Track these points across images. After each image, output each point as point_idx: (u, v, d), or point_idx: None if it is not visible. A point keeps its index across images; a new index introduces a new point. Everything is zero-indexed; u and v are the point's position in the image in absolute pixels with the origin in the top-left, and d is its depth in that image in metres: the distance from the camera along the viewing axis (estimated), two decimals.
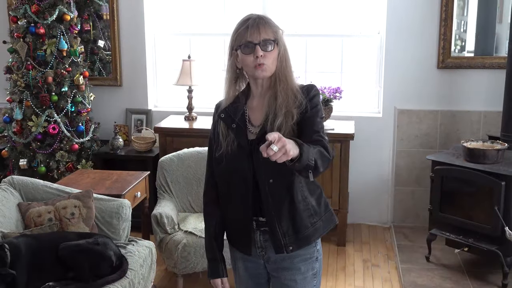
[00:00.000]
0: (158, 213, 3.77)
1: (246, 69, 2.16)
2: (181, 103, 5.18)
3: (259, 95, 2.20)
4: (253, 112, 2.20)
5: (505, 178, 3.85)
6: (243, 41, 2.09)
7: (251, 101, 2.23)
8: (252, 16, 2.15)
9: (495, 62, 4.78)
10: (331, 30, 5.10)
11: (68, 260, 3.04)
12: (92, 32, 5.16)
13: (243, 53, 2.10)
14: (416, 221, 5.03)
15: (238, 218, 2.22)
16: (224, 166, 2.18)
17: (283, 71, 2.14)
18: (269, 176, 2.10)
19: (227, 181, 2.20)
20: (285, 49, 2.17)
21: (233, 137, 2.15)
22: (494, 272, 4.11)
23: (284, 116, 2.09)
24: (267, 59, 2.09)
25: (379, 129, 5.02)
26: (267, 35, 2.09)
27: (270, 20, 2.15)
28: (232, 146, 2.15)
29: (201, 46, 5.32)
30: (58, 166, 4.69)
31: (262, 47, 2.08)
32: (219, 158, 2.19)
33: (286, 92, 2.12)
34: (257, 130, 2.15)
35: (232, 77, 2.23)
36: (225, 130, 2.19)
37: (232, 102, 2.22)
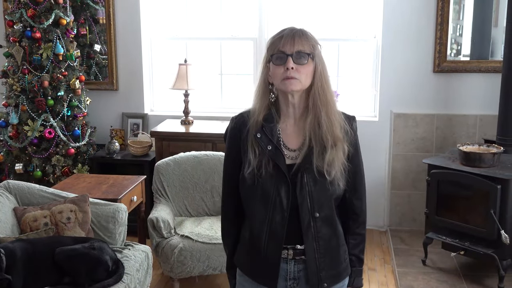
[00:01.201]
0: (155, 217, 3.76)
1: (275, 82, 1.96)
2: (178, 107, 5.18)
3: (292, 116, 2.01)
4: (286, 135, 2.01)
5: (501, 182, 3.85)
6: (275, 51, 1.93)
7: (283, 123, 2.02)
8: (288, 28, 1.99)
9: (491, 66, 4.79)
10: (328, 34, 5.11)
11: (64, 265, 3.03)
12: (88, 36, 5.16)
13: (274, 63, 1.93)
14: (412, 225, 5.04)
15: (266, 245, 2.00)
16: (258, 188, 1.96)
17: (324, 92, 1.95)
18: (316, 209, 1.95)
19: (258, 203, 1.99)
20: (323, 67, 1.99)
21: (268, 159, 1.95)
22: (490, 276, 4.12)
23: (333, 148, 1.94)
24: (299, 73, 1.90)
25: (375, 132, 5.02)
26: (302, 47, 1.92)
27: (309, 33, 1.99)
28: (268, 167, 1.95)
29: (197, 50, 5.32)
30: (54, 170, 4.68)
31: (295, 59, 1.90)
32: (250, 177, 1.97)
33: (330, 117, 1.95)
34: (294, 155, 1.98)
35: (263, 92, 2.02)
36: (258, 149, 1.97)
37: (265, 120, 1.99)
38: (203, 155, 4.25)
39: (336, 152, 1.95)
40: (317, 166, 1.93)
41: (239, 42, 5.25)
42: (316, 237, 1.97)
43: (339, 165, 1.96)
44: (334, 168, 1.94)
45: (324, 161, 1.93)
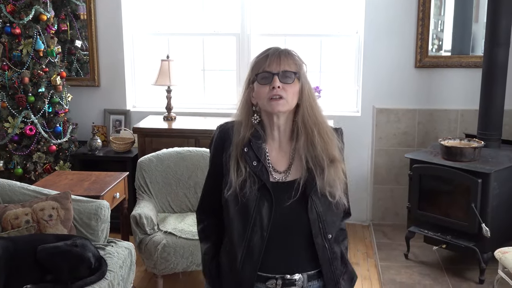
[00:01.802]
0: (138, 213, 3.74)
1: (260, 103, 1.90)
2: (160, 103, 5.16)
3: (276, 139, 1.95)
4: (271, 157, 1.94)
5: (482, 176, 3.89)
6: (261, 71, 1.87)
7: (270, 145, 1.96)
8: (274, 47, 1.95)
9: (472, 61, 4.83)
10: (310, 29, 5.12)
11: (46, 263, 3.01)
12: (69, 32, 5.12)
13: (259, 83, 1.87)
14: (395, 219, 5.07)
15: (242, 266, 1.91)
16: (242, 209, 1.88)
17: (314, 111, 1.92)
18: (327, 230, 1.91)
19: (237, 220, 1.91)
20: (309, 86, 1.94)
21: (253, 177, 1.87)
22: (472, 269, 4.16)
23: (331, 168, 1.90)
24: (286, 93, 1.85)
25: (358, 128, 5.04)
26: (288, 67, 1.87)
27: (294, 53, 1.95)
28: (253, 187, 1.87)
29: (179, 46, 5.30)
30: (35, 167, 4.64)
31: (281, 78, 1.86)
32: (232, 199, 1.90)
33: (323, 137, 1.91)
34: (280, 176, 1.92)
35: (246, 113, 1.95)
36: (243, 166, 1.89)
37: (253, 136, 1.92)
38: (186, 151, 4.24)
39: (335, 172, 1.91)
40: (320, 188, 1.88)
41: (222, 38, 5.24)
42: (331, 259, 1.94)
43: (341, 185, 1.93)
44: (336, 189, 1.90)
45: (324, 183, 1.88)
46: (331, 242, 1.93)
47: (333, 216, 1.93)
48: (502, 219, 4.03)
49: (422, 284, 4.01)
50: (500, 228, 4.00)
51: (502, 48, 4.19)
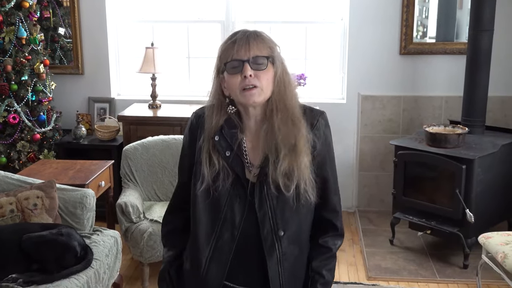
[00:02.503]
0: (123, 202, 3.74)
1: (232, 94, 1.73)
2: (145, 91, 5.13)
3: (253, 129, 1.78)
4: (248, 149, 1.78)
5: (466, 162, 3.93)
6: (229, 59, 1.70)
7: (247, 135, 1.79)
8: (240, 31, 1.75)
9: (456, 48, 4.85)
10: (295, 17, 5.10)
11: (31, 252, 2.99)
12: (52, 19, 5.06)
13: (229, 72, 1.70)
14: (380, 206, 5.10)
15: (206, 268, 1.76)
16: (213, 204, 1.74)
17: (282, 98, 1.72)
18: (280, 226, 1.73)
19: (206, 216, 1.77)
20: (284, 70, 1.76)
21: (227, 169, 1.72)
22: (456, 254, 4.21)
23: (290, 157, 1.70)
24: (259, 80, 1.68)
25: (343, 115, 5.05)
26: (259, 51, 1.69)
27: (264, 34, 1.76)
28: (226, 181, 1.72)
29: (164, 33, 5.26)
30: (19, 156, 4.60)
31: (252, 65, 1.68)
32: (203, 195, 1.76)
33: (287, 123, 1.71)
34: (257, 171, 1.73)
35: (218, 106, 1.77)
36: (215, 157, 1.73)
37: (226, 123, 1.76)
38: (171, 139, 4.23)
39: (296, 160, 1.70)
40: (273, 179, 1.69)
41: (206, 25, 5.21)
42: (281, 259, 1.74)
43: (303, 176, 1.72)
44: (292, 181, 1.70)
45: (278, 173, 1.69)
46: (283, 240, 1.73)
47: (289, 212, 1.74)
48: (486, 204, 4.07)
49: (407, 270, 4.05)
50: (484, 214, 4.04)
51: (486, 35, 4.21)
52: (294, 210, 1.74)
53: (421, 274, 3.99)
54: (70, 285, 2.92)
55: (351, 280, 3.97)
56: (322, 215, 1.85)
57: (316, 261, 1.84)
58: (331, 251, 1.86)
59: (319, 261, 1.84)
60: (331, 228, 1.86)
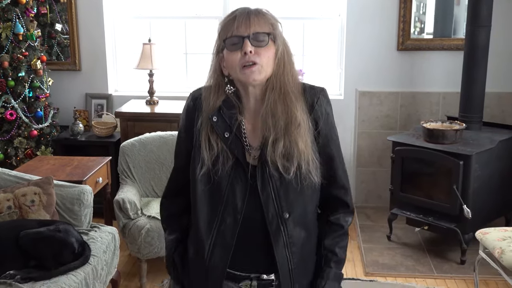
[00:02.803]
0: (121, 198, 3.73)
1: (232, 73, 1.68)
2: (142, 87, 5.12)
3: (253, 110, 1.73)
4: (248, 131, 1.73)
5: (463, 158, 3.93)
6: (229, 35, 1.64)
7: (246, 116, 1.74)
8: (242, 7, 1.70)
9: (453, 44, 4.85)
10: (293, 13, 5.10)
11: (29, 248, 2.99)
12: (49, 16, 5.04)
13: (228, 49, 1.65)
14: (377, 201, 5.11)
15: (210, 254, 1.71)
16: (213, 188, 1.70)
17: (280, 77, 1.67)
18: (285, 209, 1.68)
19: (207, 201, 1.72)
20: (285, 48, 1.70)
21: (226, 152, 1.67)
22: (453, 249, 4.22)
23: (288, 137, 1.65)
24: (260, 57, 1.63)
25: (340, 111, 5.05)
26: (260, 28, 1.64)
27: (266, 11, 1.70)
28: (226, 163, 1.67)
29: (161, 29, 5.26)
30: (16, 153, 4.60)
31: (253, 41, 1.63)
32: (204, 179, 1.70)
33: (284, 102, 1.66)
34: (257, 153, 1.69)
35: (217, 86, 1.73)
36: (213, 139, 1.69)
37: (224, 104, 1.71)
38: (169, 135, 4.22)
39: (294, 141, 1.65)
40: (272, 161, 1.65)
41: (204, 21, 5.21)
42: (288, 243, 1.69)
43: (305, 156, 1.67)
44: (292, 162, 1.65)
45: (276, 155, 1.65)
46: (289, 223, 1.69)
47: (294, 194, 1.69)
48: (483, 200, 4.08)
49: (404, 265, 4.06)
50: (481, 209, 4.05)
51: (483, 31, 4.21)
52: (298, 191, 1.69)
53: (419, 270, 4.00)
54: (67, 281, 2.92)
55: (349, 276, 3.98)
56: (331, 193, 1.81)
57: (329, 239, 1.81)
58: (343, 228, 1.83)
59: (331, 238, 1.81)
60: (341, 205, 1.83)
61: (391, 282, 3.87)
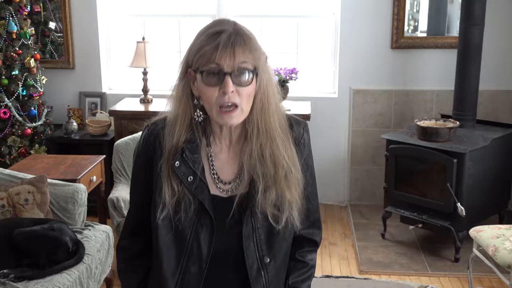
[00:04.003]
0: (115, 197, 3.72)
1: (206, 106, 1.51)
2: (136, 85, 5.11)
3: (226, 138, 1.59)
4: (218, 162, 1.59)
5: (457, 156, 3.94)
6: (208, 65, 1.45)
7: (214, 147, 1.59)
8: (225, 28, 1.48)
9: (447, 42, 4.86)
10: (286, 11, 5.10)
11: (23, 247, 2.98)
12: (42, 14, 5.03)
13: (204, 83, 1.47)
14: (372, 199, 5.12)
15: None
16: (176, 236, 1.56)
17: (265, 116, 1.52)
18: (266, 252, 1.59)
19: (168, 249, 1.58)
20: (268, 82, 1.53)
21: (189, 197, 1.54)
22: (447, 247, 4.23)
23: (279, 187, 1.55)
24: (241, 97, 1.47)
25: (335, 109, 5.06)
26: (244, 61, 1.45)
27: (252, 38, 1.50)
28: (188, 209, 1.54)
29: (155, 27, 5.25)
30: (10, 151, 4.58)
31: (235, 79, 1.45)
32: (165, 224, 1.56)
33: (272, 148, 1.53)
34: (228, 188, 1.58)
35: (184, 108, 1.55)
36: (175, 183, 1.54)
37: (187, 143, 1.55)
38: None
39: (287, 188, 1.56)
40: (262, 209, 1.55)
41: (198, 19, 5.20)
42: (267, 286, 1.61)
43: (294, 205, 1.58)
44: (284, 212, 1.56)
45: (267, 203, 1.54)
46: (270, 268, 1.60)
47: (276, 239, 1.60)
48: (476, 198, 4.09)
49: (398, 263, 4.07)
50: (475, 207, 4.06)
51: (476, 29, 4.22)
52: (280, 237, 1.61)
53: (413, 268, 4.01)
54: (61, 280, 2.92)
55: (343, 273, 3.99)
56: (301, 232, 1.70)
57: (294, 276, 1.73)
58: (308, 265, 1.75)
59: (297, 276, 1.73)
60: (309, 243, 1.75)
61: (385, 280, 3.88)
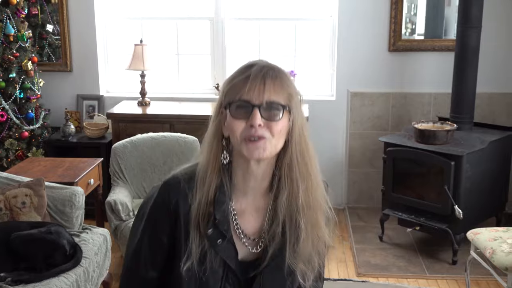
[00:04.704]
0: (113, 200, 3.72)
1: (233, 140, 1.39)
2: (134, 88, 5.11)
3: (251, 191, 1.46)
4: (243, 218, 1.47)
5: (455, 158, 3.94)
6: (237, 98, 1.35)
7: (237, 201, 1.46)
8: (258, 63, 1.38)
9: (444, 45, 4.87)
10: (284, 14, 5.10)
11: (20, 250, 2.98)
12: (40, 16, 5.02)
13: (233, 116, 1.35)
14: (369, 202, 5.12)
15: None
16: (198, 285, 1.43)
17: (305, 160, 1.41)
18: None
19: None
20: (303, 124, 1.41)
21: (214, 254, 1.42)
22: (445, 250, 4.23)
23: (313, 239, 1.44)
24: (270, 132, 1.35)
25: (332, 112, 5.06)
26: (276, 96, 1.35)
27: (285, 74, 1.40)
28: (214, 261, 1.42)
29: (153, 30, 5.25)
30: (7, 154, 4.57)
31: (264, 113, 1.34)
32: (188, 275, 1.42)
33: (314, 196, 1.44)
34: (253, 244, 1.46)
35: (215, 150, 1.42)
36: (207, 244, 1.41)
37: (216, 201, 1.42)
38: (160, 136, 4.22)
39: (318, 243, 1.46)
40: (289, 263, 1.43)
41: (196, 22, 5.20)
42: None
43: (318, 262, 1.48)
44: (311, 269, 1.45)
45: (296, 257, 1.42)
46: None
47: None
48: (474, 200, 4.10)
49: (396, 266, 4.07)
50: (472, 210, 4.07)
51: (474, 32, 4.23)
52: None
53: (411, 270, 4.01)
54: (59, 283, 2.91)
55: (341, 276, 3.98)
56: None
57: None
58: None
59: None
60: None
61: (383, 283, 3.88)
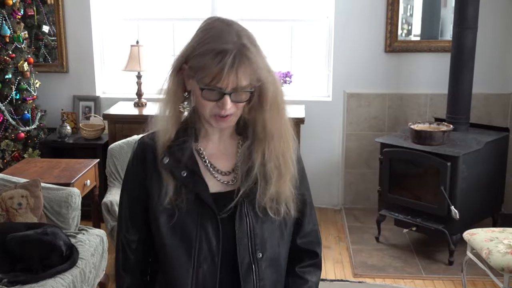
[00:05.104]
0: (109, 201, 3.72)
1: (201, 111, 1.52)
2: (130, 89, 5.11)
3: (215, 134, 1.60)
4: (211, 155, 1.59)
5: (451, 159, 3.95)
6: (209, 83, 1.45)
7: (205, 142, 1.60)
8: (229, 48, 1.45)
9: (440, 46, 4.88)
10: (280, 15, 5.11)
11: (16, 252, 2.97)
12: (36, 17, 5.02)
13: (203, 97, 1.47)
14: (366, 203, 5.12)
15: None
16: (177, 227, 1.53)
17: (277, 121, 1.53)
18: (259, 248, 1.56)
19: (177, 248, 1.54)
20: (276, 90, 1.51)
21: (186, 194, 1.53)
22: (441, 250, 4.24)
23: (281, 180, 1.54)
24: (236, 107, 1.50)
25: (329, 113, 5.06)
26: (246, 80, 1.44)
27: (258, 56, 1.48)
28: (188, 197, 1.52)
29: (149, 31, 5.24)
30: (3, 155, 4.57)
31: (233, 98, 1.47)
32: (166, 211, 1.54)
33: (283, 152, 1.55)
34: (228, 178, 1.57)
35: (175, 101, 1.55)
36: (172, 177, 1.54)
37: (174, 139, 1.56)
38: None
39: (285, 182, 1.56)
40: (259, 202, 1.54)
41: (192, 23, 5.20)
42: (258, 285, 1.56)
43: (290, 200, 1.57)
44: (281, 203, 1.55)
45: (266, 197, 1.53)
46: (262, 263, 1.55)
47: (269, 233, 1.57)
48: (470, 201, 4.10)
49: (393, 266, 4.08)
50: (468, 210, 4.07)
51: (470, 33, 4.23)
52: (275, 227, 1.59)
53: (407, 271, 4.02)
54: (55, 284, 2.90)
55: (337, 277, 3.99)
56: (296, 241, 1.69)
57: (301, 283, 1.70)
58: (307, 283, 1.70)
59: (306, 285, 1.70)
60: (310, 255, 1.73)
61: (379, 284, 3.88)
